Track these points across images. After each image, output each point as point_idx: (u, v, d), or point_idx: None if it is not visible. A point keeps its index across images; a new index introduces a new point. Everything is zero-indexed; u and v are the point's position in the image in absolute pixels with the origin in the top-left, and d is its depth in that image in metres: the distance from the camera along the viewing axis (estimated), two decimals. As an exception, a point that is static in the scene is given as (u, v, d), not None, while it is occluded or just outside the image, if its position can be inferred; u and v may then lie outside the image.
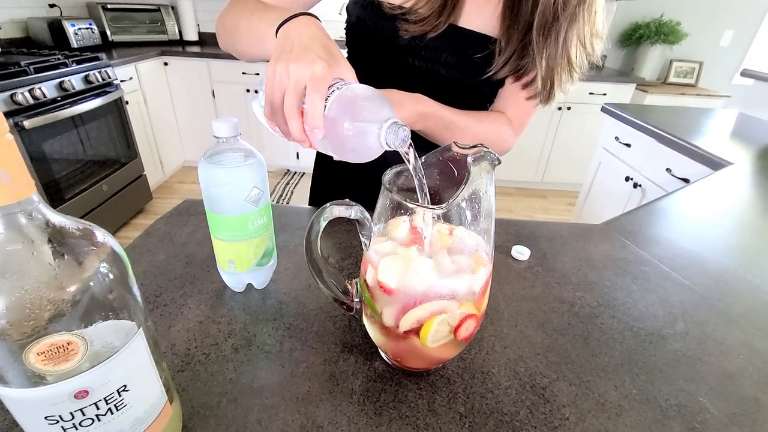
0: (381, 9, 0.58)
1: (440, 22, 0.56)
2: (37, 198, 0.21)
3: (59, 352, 0.21)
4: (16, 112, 1.51)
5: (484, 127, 0.63)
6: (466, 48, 0.60)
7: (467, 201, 0.33)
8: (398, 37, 0.59)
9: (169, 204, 2.47)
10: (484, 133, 0.63)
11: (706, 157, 1.15)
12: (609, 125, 1.67)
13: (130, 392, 0.25)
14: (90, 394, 0.23)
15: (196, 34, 2.90)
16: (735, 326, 0.49)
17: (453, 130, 0.60)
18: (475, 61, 0.60)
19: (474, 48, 0.59)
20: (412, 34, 0.58)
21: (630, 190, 1.50)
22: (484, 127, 0.63)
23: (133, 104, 2.24)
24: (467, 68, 0.61)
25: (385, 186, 0.32)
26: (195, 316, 0.45)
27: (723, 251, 0.65)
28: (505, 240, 0.64)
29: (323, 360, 0.41)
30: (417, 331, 0.34)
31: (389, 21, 0.58)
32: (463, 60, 0.61)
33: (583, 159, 2.63)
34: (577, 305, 0.51)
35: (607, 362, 0.42)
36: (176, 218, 0.64)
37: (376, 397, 0.37)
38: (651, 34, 2.72)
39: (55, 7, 2.45)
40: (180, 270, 0.52)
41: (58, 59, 1.75)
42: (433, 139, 0.62)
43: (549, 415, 0.36)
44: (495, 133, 0.64)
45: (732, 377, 0.42)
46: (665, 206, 0.80)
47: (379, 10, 0.58)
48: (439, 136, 0.61)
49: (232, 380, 0.38)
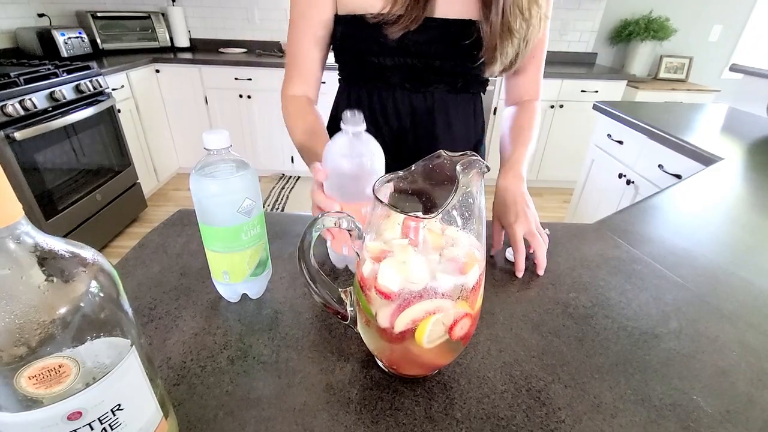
0: (364, 20, 0.61)
1: (417, 16, 0.59)
2: (25, 221, 0.21)
3: (51, 375, 0.21)
4: (7, 123, 1.50)
5: (535, 130, 0.72)
6: (452, 36, 0.62)
7: (458, 207, 0.33)
8: (387, 41, 0.61)
9: (164, 212, 2.46)
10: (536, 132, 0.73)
11: (697, 153, 1.16)
12: (601, 123, 1.68)
13: (124, 411, 0.25)
14: (84, 415, 0.23)
15: (187, 41, 2.89)
16: (727, 323, 0.49)
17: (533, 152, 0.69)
18: (465, 46, 0.63)
19: (459, 34, 0.62)
20: (397, 34, 0.60)
21: (623, 187, 1.51)
22: (536, 131, 0.72)
23: (126, 112, 2.23)
24: (459, 55, 0.65)
25: (375, 196, 0.32)
26: (190, 328, 0.45)
27: (714, 248, 0.66)
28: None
29: (319, 369, 0.41)
30: (412, 332, 0.34)
31: (374, 29, 0.61)
32: (452, 48, 0.64)
33: (577, 156, 2.65)
34: (571, 306, 0.51)
35: (602, 363, 0.43)
36: (170, 229, 0.64)
37: (373, 405, 0.37)
38: (640, 30, 2.74)
39: (44, 17, 2.44)
40: (175, 281, 0.52)
41: (48, 69, 1.74)
42: None
43: (545, 418, 0.37)
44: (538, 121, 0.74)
45: (725, 374, 0.42)
46: (657, 204, 0.80)
47: (362, 22, 0.61)
48: None
49: (228, 392, 0.38)
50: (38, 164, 1.64)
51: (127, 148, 2.18)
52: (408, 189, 0.37)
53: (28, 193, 1.58)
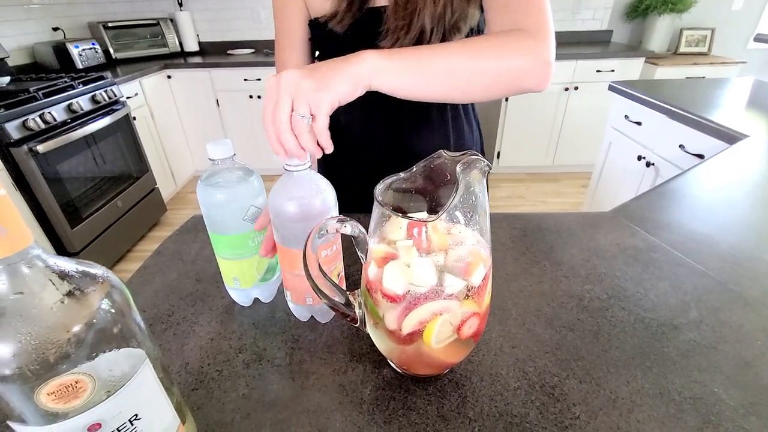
0: (318, 22, 0.63)
1: (355, 9, 0.59)
2: (35, 246, 0.22)
3: (68, 391, 0.22)
4: (29, 137, 1.55)
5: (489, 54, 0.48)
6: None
7: (461, 206, 0.33)
8: (342, 39, 0.62)
9: (184, 215, 2.52)
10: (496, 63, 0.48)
11: (719, 131, 1.12)
12: (618, 104, 1.62)
13: (141, 420, 0.26)
14: (103, 426, 0.24)
15: (196, 44, 2.93)
16: (751, 311, 0.47)
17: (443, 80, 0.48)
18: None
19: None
20: (343, 28, 0.61)
21: (643, 170, 1.46)
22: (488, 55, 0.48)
23: (141, 119, 2.28)
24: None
25: (376, 199, 0.32)
26: (207, 333, 0.46)
27: (738, 231, 0.63)
28: (511, 235, 0.64)
29: (332, 370, 0.41)
30: (420, 333, 0.34)
31: (329, 30, 0.62)
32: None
33: (594, 139, 2.57)
34: (586, 299, 0.50)
35: (618, 357, 0.42)
36: (185, 235, 0.65)
37: (386, 405, 0.38)
38: (658, 3, 2.62)
39: (58, 30, 2.51)
40: (191, 287, 0.54)
41: (65, 82, 1.79)
42: (423, 97, 0.50)
43: (559, 414, 0.36)
44: (510, 51, 0.48)
45: (749, 365, 0.41)
46: (677, 187, 0.78)
47: (319, 24, 0.63)
48: (415, 90, 0.48)
49: (244, 396, 0.39)
50: (61, 175, 1.70)
51: (144, 155, 2.23)
52: (411, 189, 0.37)
53: (53, 204, 1.64)
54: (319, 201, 0.40)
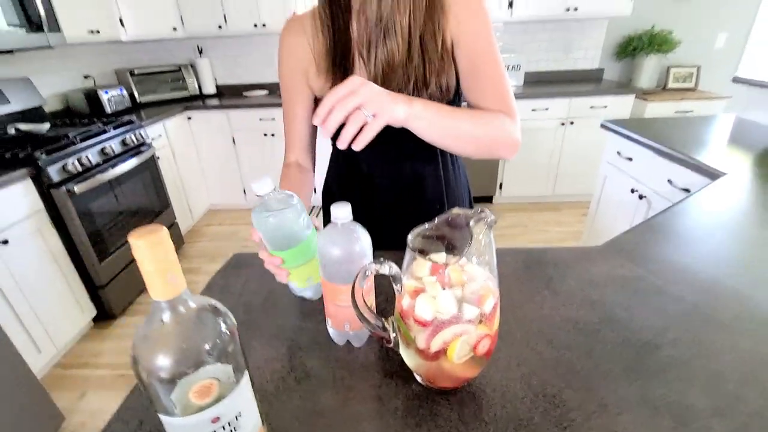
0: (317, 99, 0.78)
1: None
2: (186, 290, 0.32)
3: (205, 391, 0.31)
4: (67, 179, 1.69)
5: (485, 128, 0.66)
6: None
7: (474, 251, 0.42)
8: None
9: (200, 247, 2.63)
10: (487, 134, 0.66)
11: (701, 168, 1.22)
12: (610, 141, 1.75)
13: (243, 417, 0.35)
14: (220, 419, 0.33)
15: (213, 87, 3.14)
16: (723, 331, 0.56)
17: (453, 135, 0.64)
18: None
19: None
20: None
21: (636, 202, 1.56)
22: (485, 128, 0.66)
23: (164, 159, 2.44)
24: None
25: (409, 246, 0.42)
26: (261, 356, 0.55)
27: (713, 262, 0.72)
28: (515, 268, 0.73)
29: (369, 385, 0.50)
30: (445, 351, 0.43)
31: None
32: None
33: (591, 170, 2.70)
34: (581, 323, 0.59)
35: (608, 370, 0.50)
36: (230, 271, 0.75)
37: (416, 412, 0.46)
38: (644, 45, 2.82)
39: (89, 78, 2.72)
40: (241, 317, 0.63)
41: (99, 127, 1.95)
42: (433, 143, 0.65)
43: (559, 417, 0.44)
44: (498, 129, 0.66)
45: (718, 377, 0.49)
46: (662, 222, 0.87)
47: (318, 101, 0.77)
48: (438, 140, 0.64)
49: (298, 406, 0.47)
50: (92, 212, 1.82)
51: (166, 191, 2.37)
52: (433, 235, 0.47)
53: (86, 240, 1.75)
54: (358, 246, 0.50)
